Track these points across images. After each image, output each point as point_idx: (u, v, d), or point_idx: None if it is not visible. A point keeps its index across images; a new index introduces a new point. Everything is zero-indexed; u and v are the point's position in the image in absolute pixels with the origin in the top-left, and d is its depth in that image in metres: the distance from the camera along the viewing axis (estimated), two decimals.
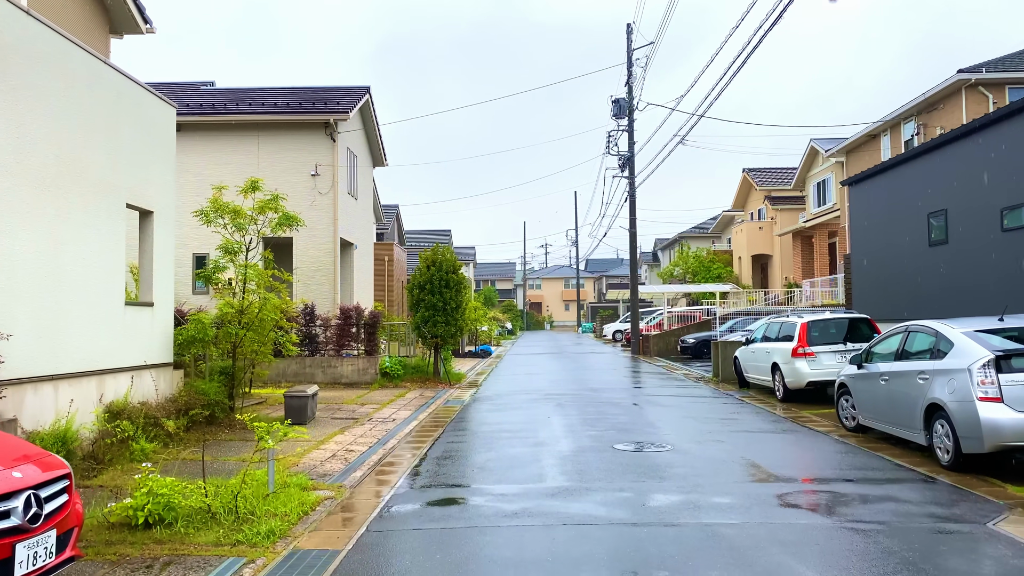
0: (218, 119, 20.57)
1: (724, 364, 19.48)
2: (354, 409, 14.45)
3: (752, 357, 16.77)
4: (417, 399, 16.18)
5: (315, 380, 18.86)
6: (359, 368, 18.93)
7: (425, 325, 19.01)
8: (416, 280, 19.33)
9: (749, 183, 46.62)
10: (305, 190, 20.61)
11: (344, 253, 22.23)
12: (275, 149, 20.72)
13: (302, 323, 19.23)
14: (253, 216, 13.02)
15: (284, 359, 18.87)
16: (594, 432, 11.28)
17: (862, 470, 8.51)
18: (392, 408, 14.65)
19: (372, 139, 24.75)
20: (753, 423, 12.26)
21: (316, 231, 20.54)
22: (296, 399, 12.39)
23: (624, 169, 33.98)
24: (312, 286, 20.46)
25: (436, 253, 19.49)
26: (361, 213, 23.70)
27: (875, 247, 17.61)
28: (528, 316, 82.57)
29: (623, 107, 33.35)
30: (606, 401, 15.33)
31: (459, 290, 19.44)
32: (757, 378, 16.56)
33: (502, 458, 9.45)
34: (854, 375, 10.98)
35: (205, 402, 11.26)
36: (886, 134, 26.38)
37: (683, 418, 12.90)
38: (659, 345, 31.55)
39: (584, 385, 18.87)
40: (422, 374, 19.59)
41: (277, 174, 20.63)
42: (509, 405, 15.00)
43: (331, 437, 11.24)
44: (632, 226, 33.87)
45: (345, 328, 19.16)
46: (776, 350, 15.26)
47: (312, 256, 20.52)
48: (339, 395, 16.75)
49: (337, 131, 20.58)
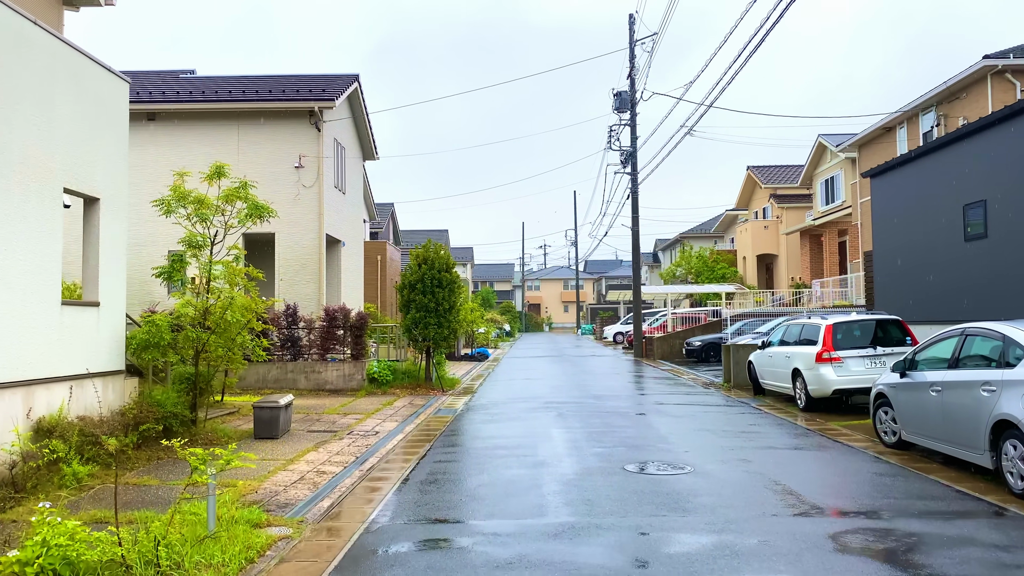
0: (195, 107, 19.25)
1: (736, 369, 18.18)
2: (335, 420, 13.12)
3: (769, 362, 15.46)
4: (406, 408, 14.86)
5: (297, 386, 17.55)
6: (345, 374, 17.61)
7: (416, 327, 17.70)
8: (407, 279, 18.02)
9: (754, 181, 45.36)
10: (288, 183, 19.30)
11: (330, 251, 20.91)
12: (256, 139, 19.41)
13: (284, 325, 17.93)
14: (220, 206, 11.68)
15: (264, 364, 17.58)
16: (601, 449, 9.97)
17: (920, 499, 7.20)
18: (377, 419, 13.33)
19: (362, 131, 23.45)
20: (777, 437, 10.95)
21: (300, 227, 19.24)
22: (266, 410, 11.07)
23: (626, 165, 32.68)
24: (296, 286, 19.15)
25: (428, 250, 18.18)
26: (349, 209, 22.39)
27: (901, 243, 16.31)
28: (527, 318, 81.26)
29: (625, 100, 32.05)
30: (611, 411, 14.02)
31: (452, 290, 18.13)
32: (775, 385, 15.26)
33: (496, 483, 8.13)
34: (896, 384, 9.68)
35: (160, 415, 9.94)
36: (902, 126, 25.10)
37: (698, 431, 11.58)
38: (663, 348, 30.24)
39: (586, 392, 17.56)
40: (413, 380, 18.27)
41: (258, 166, 19.33)
42: (506, 415, 13.69)
43: (303, 455, 9.92)
44: (635, 224, 32.57)
45: (330, 331, 17.84)
46: (797, 355, 13.96)
47: (296, 254, 19.20)
48: (321, 403, 15.42)
49: (322, 120, 19.28)
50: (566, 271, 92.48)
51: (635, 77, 32.02)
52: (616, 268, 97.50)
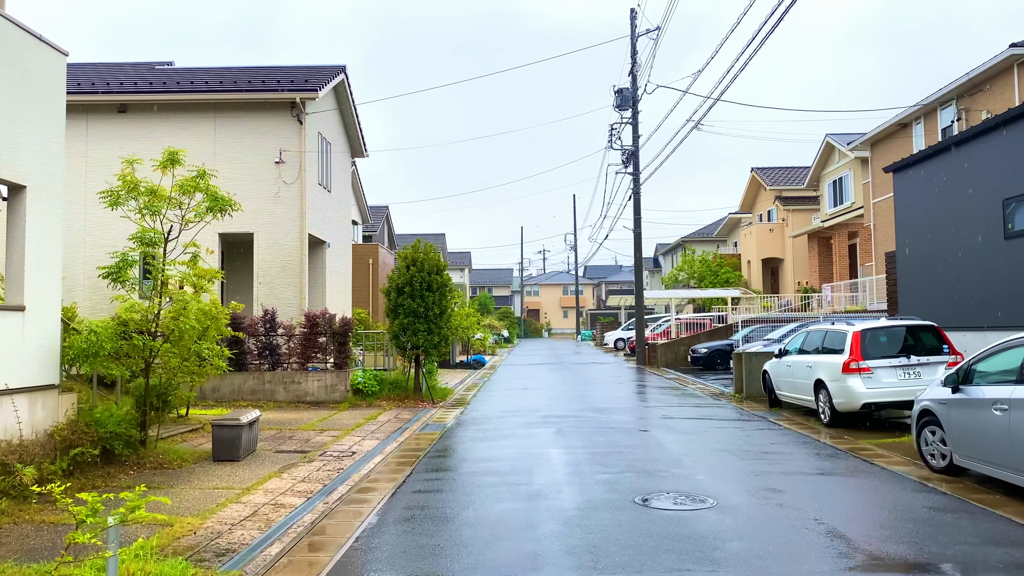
0: (169, 98, 17.99)
1: (749, 379, 16.89)
2: (309, 437, 11.82)
3: (787, 372, 14.18)
4: (390, 423, 13.56)
5: (275, 398, 16.25)
6: (327, 384, 16.30)
7: (404, 334, 16.40)
8: (394, 282, 16.73)
9: (758, 183, 44.14)
10: (268, 179, 18.03)
11: (314, 252, 19.63)
12: (234, 133, 18.14)
13: (261, 332, 16.63)
14: (176, 198, 10.40)
15: (240, 374, 16.31)
16: (607, 475, 8.67)
17: (997, 545, 5.91)
18: (356, 436, 12.02)
19: (349, 126, 22.19)
20: (805, 459, 9.65)
21: (281, 226, 17.95)
22: (226, 428, 9.77)
23: (628, 164, 31.43)
24: (276, 289, 17.85)
25: (417, 251, 16.89)
26: (336, 208, 21.11)
27: (928, 242, 15.04)
28: (526, 323, 79.96)
29: (627, 97, 30.83)
30: (616, 426, 12.71)
31: (444, 293, 16.84)
32: (793, 397, 13.97)
33: (483, 521, 6.83)
34: (947, 400, 8.39)
35: (99, 436, 8.64)
36: (919, 122, 23.86)
37: (715, 451, 10.28)
38: (667, 355, 28.95)
39: (588, 404, 16.25)
40: (401, 391, 16.96)
41: (237, 161, 18.09)
42: (499, 431, 12.38)
43: (263, 482, 8.62)
44: (636, 226, 31.31)
45: (311, 338, 16.54)
46: (820, 364, 12.67)
47: (276, 255, 17.91)
48: (298, 417, 14.12)
49: (305, 112, 18.01)
50: (565, 276, 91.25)
51: (637, 73, 30.81)
52: (616, 273, 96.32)
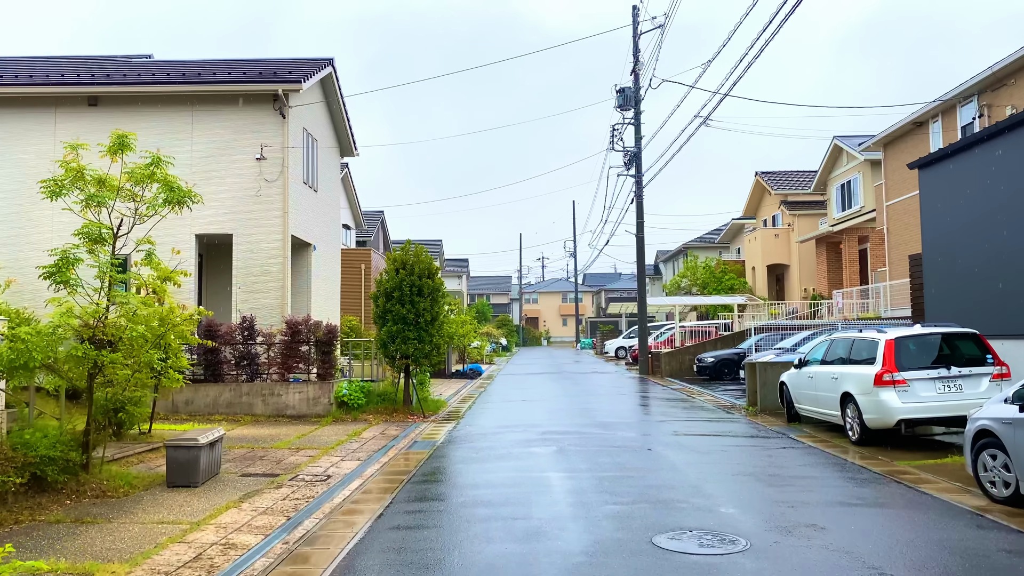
0: (142, 90, 16.84)
1: (764, 391, 15.71)
2: (282, 458, 10.62)
3: (808, 384, 13.00)
4: (375, 440, 12.36)
5: (253, 412, 15.06)
6: (309, 397, 15.10)
7: (392, 342, 15.21)
8: (382, 287, 15.56)
9: (763, 187, 43.06)
10: (249, 177, 16.86)
11: (299, 255, 18.46)
12: (213, 127, 16.99)
13: (239, 340, 15.46)
14: (130, 190, 9.24)
15: (216, 386, 15.15)
16: (617, 506, 7.48)
17: None
18: (336, 456, 10.82)
19: (338, 123, 21.06)
20: (842, 486, 8.47)
21: (262, 226, 16.78)
22: (182, 450, 8.58)
23: (630, 167, 30.31)
24: (256, 294, 16.67)
25: (407, 253, 15.72)
26: (323, 209, 19.95)
27: (960, 243, 13.89)
28: (524, 331, 78.74)
29: (629, 97, 29.74)
30: (623, 444, 11.52)
31: (436, 299, 15.66)
32: (815, 411, 12.79)
33: (471, 570, 5.65)
34: (1012, 420, 7.22)
35: (28, 461, 7.44)
36: (936, 120, 22.76)
37: (737, 476, 9.09)
38: (671, 364, 27.75)
39: (591, 418, 15.06)
40: (389, 403, 15.76)
41: (215, 157, 16.94)
42: (494, 451, 11.18)
43: (219, 513, 7.42)
44: (639, 230, 30.15)
45: (293, 347, 15.35)
46: (848, 376, 11.49)
47: (256, 257, 16.73)
48: (275, 433, 12.92)
49: (288, 105, 16.86)
50: (564, 284, 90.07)
51: (639, 72, 29.72)
52: (615, 281, 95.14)
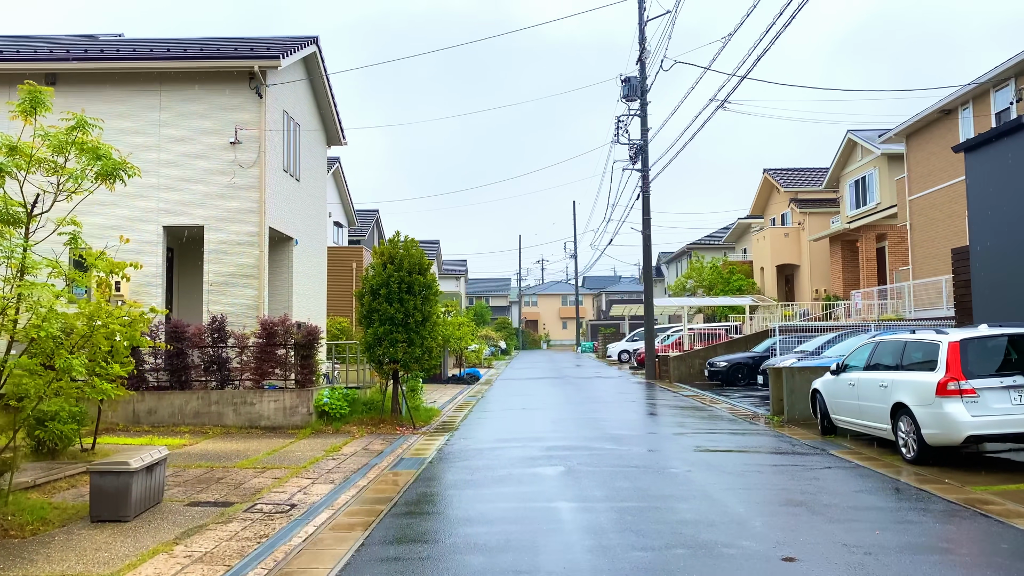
0: (105, 66, 15.29)
1: (792, 399, 14.17)
2: (243, 480, 9.05)
3: (849, 393, 11.44)
4: (356, 457, 10.79)
5: (224, 422, 13.49)
6: (285, 406, 13.54)
7: (379, 345, 13.65)
8: (368, 284, 14.00)
9: (771, 185, 41.55)
10: (222, 163, 15.31)
11: (278, 250, 16.90)
12: (183, 108, 15.44)
13: (208, 342, 13.90)
14: (50, 159, 7.68)
15: (182, 394, 13.61)
16: (647, 553, 5.91)
17: None
18: (307, 477, 9.26)
19: (324, 108, 19.50)
20: (919, 521, 6.91)
21: (236, 217, 15.22)
22: (109, 477, 7.01)
23: (636, 160, 28.78)
24: (230, 292, 15.10)
25: (395, 247, 14.17)
26: (306, 201, 18.39)
27: (1020, 233, 12.36)
28: (524, 334, 77.19)
29: (635, 87, 28.20)
30: (641, 463, 9.95)
31: (427, 297, 14.11)
32: (857, 423, 11.24)
33: None
34: None
35: None
36: (966, 107, 21.24)
37: (787, 507, 7.53)
38: (680, 369, 26.19)
39: (600, 429, 13.50)
40: (376, 413, 14.20)
41: (185, 141, 15.40)
42: (492, 471, 9.61)
43: (143, 561, 5.86)
44: (646, 227, 28.61)
45: (268, 350, 13.79)
46: (902, 384, 9.94)
47: (230, 251, 15.17)
48: (243, 449, 11.35)
49: (265, 84, 15.31)
50: (564, 286, 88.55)
51: (646, 60, 28.20)
52: (615, 284, 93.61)
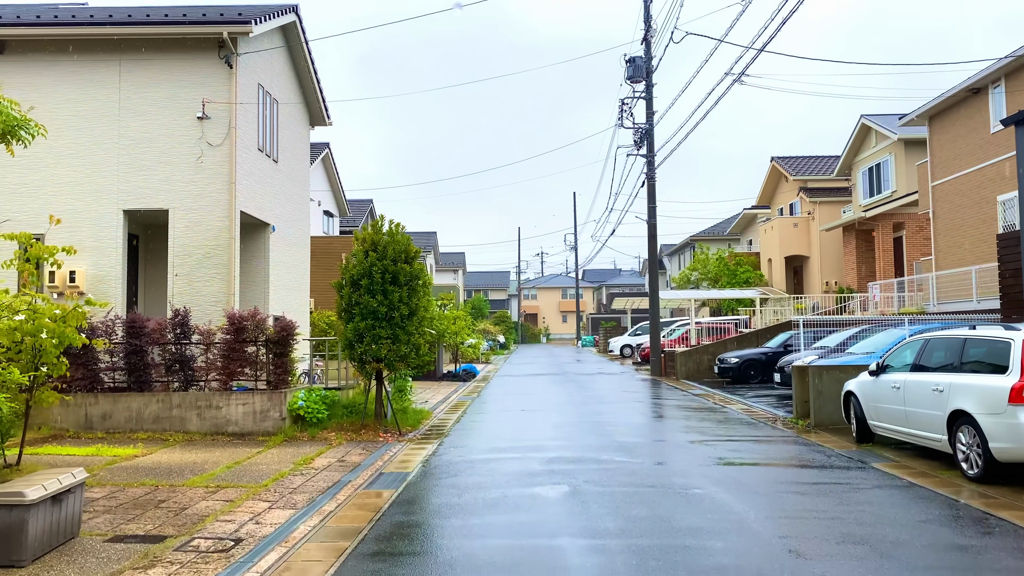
0: (58, 33, 13.81)
1: (819, 402, 12.77)
2: (188, 503, 7.62)
3: (892, 396, 10.02)
4: (329, 471, 9.37)
5: (187, 428, 12.07)
6: (255, 410, 12.12)
7: (361, 342, 12.21)
8: (348, 273, 12.55)
9: (779, 173, 40.06)
10: (188, 140, 13.85)
11: (252, 236, 15.46)
12: (144, 79, 13.97)
13: (170, 339, 12.47)
14: None
15: (139, 396, 12.20)
16: None
17: None
18: (265, 499, 7.83)
19: (306, 85, 18.01)
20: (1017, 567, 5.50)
21: (204, 200, 13.77)
22: (1, 511, 5.58)
23: (641, 145, 27.29)
24: (196, 282, 13.67)
25: (379, 232, 12.72)
26: (286, 184, 16.93)
27: None
28: (523, 328, 75.76)
29: (640, 67, 26.71)
30: (659, 483, 8.53)
31: (414, 288, 12.66)
32: (903, 432, 9.82)
33: None
34: None
35: None
36: (998, 85, 19.76)
37: (846, 544, 6.10)
38: (688, 365, 24.77)
39: (607, 436, 12.08)
40: (358, 417, 12.78)
41: (147, 116, 13.95)
42: (484, 492, 8.18)
43: None
44: (651, 215, 27.16)
45: (237, 347, 12.37)
46: (964, 389, 8.53)
47: (198, 238, 13.72)
48: (201, 460, 9.92)
49: (236, 53, 13.83)
50: (564, 279, 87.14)
51: (651, 39, 26.71)
52: (615, 277, 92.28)
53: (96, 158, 13.80)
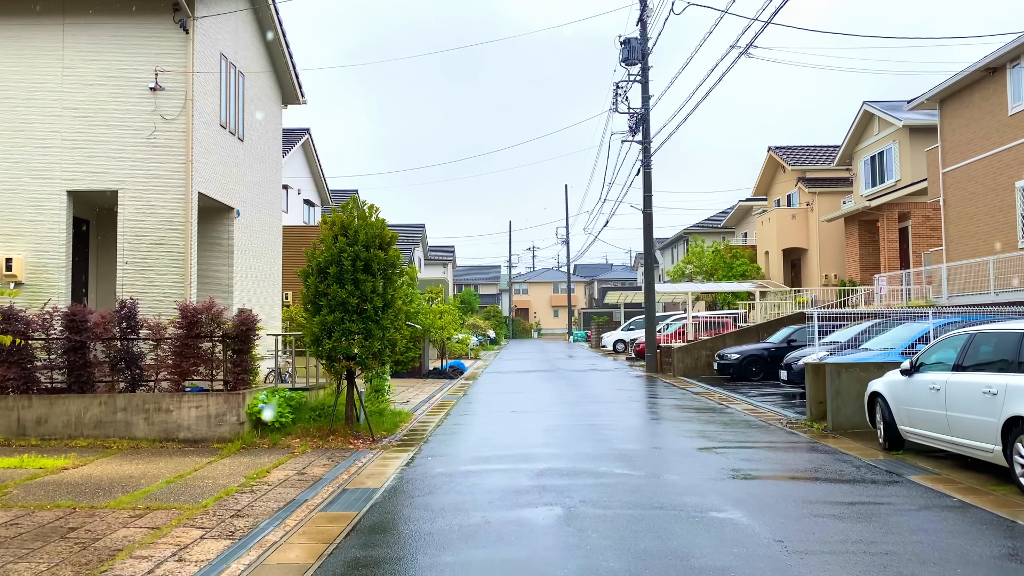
0: None
1: (837, 403, 11.56)
2: (103, 532, 6.31)
3: (930, 399, 8.79)
4: (283, 488, 8.07)
5: (133, 434, 10.74)
6: (210, 413, 10.79)
7: (329, 337, 10.89)
8: (315, 261, 11.21)
9: (776, 163, 38.88)
10: (140, 113, 12.48)
11: (213, 221, 14.11)
12: (91, 47, 12.59)
13: (115, 334, 11.14)
14: None
15: (78, 398, 10.84)
16: None
17: None
18: (198, 527, 6.53)
19: (277, 58, 16.61)
20: None
21: (157, 179, 12.41)
22: None
23: (636, 131, 26.02)
24: (148, 272, 12.32)
25: (350, 214, 11.39)
26: (254, 166, 15.55)
27: None
28: (514, 323, 74.52)
29: (635, 49, 25.42)
30: (668, 503, 7.27)
31: (390, 278, 11.36)
32: (943, 440, 8.60)
33: None
34: None
35: None
36: (1016, 63, 18.56)
37: None
38: (685, 361, 23.56)
39: (604, 442, 10.82)
40: (327, 421, 11.47)
41: (94, 86, 12.58)
42: (461, 519, 6.89)
43: None
44: (647, 204, 25.93)
45: (190, 343, 11.03)
46: (1020, 391, 7.31)
47: (149, 222, 12.37)
48: (139, 473, 8.60)
49: (193, 16, 12.46)
50: (555, 274, 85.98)
51: (647, 19, 25.42)
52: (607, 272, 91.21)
53: (36, 133, 12.42)
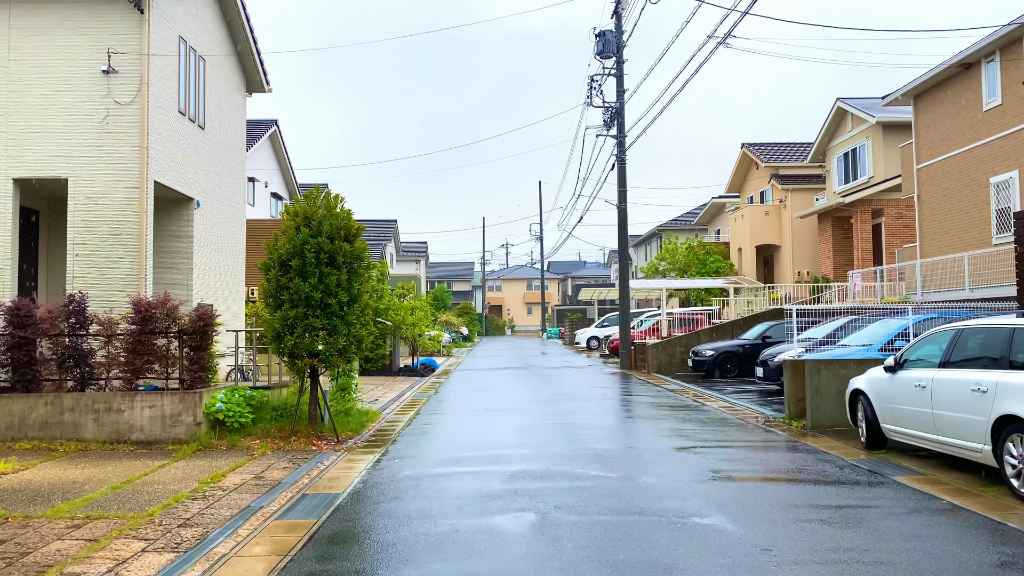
0: None
1: (816, 400, 11.28)
2: (35, 545, 5.77)
3: (915, 397, 8.52)
4: (237, 494, 7.55)
5: (81, 435, 10.13)
6: (165, 413, 10.22)
7: (291, 333, 10.36)
8: (276, 253, 10.67)
9: (750, 160, 38.84)
10: (92, 97, 11.83)
11: (171, 213, 13.48)
12: (39, 26, 11.91)
13: (64, 330, 10.51)
14: None
15: (23, 397, 10.21)
16: None
17: None
18: (141, 538, 6.01)
19: (241, 44, 15.96)
20: None
21: (109, 168, 11.77)
22: None
23: (611, 125, 25.71)
24: (100, 264, 11.69)
25: (313, 204, 10.87)
26: (215, 155, 14.92)
27: None
28: (487, 320, 74.04)
29: (610, 42, 25.11)
30: (647, 507, 6.88)
31: (355, 271, 10.85)
32: (928, 439, 8.33)
33: None
34: None
35: None
36: (991, 59, 18.49)
37: None
38: (660, 358, 23.31)
39: (579, 442, 10.43)
40: (288, 421, 10.94)
41: (43, 68, 11.90)
42: (428, 528, 6.44)
43: None
44: (621, 200, 25.66)
45: (144, 339, 10.44)
46: (1011, 388, 7.03)
47: (101, 212, 11.74)
48: (84, 477, 8.04)
49: None
50: (529, 270, 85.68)
51: (622, 12, 25.09)
52: (580, 269, 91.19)
53: None
